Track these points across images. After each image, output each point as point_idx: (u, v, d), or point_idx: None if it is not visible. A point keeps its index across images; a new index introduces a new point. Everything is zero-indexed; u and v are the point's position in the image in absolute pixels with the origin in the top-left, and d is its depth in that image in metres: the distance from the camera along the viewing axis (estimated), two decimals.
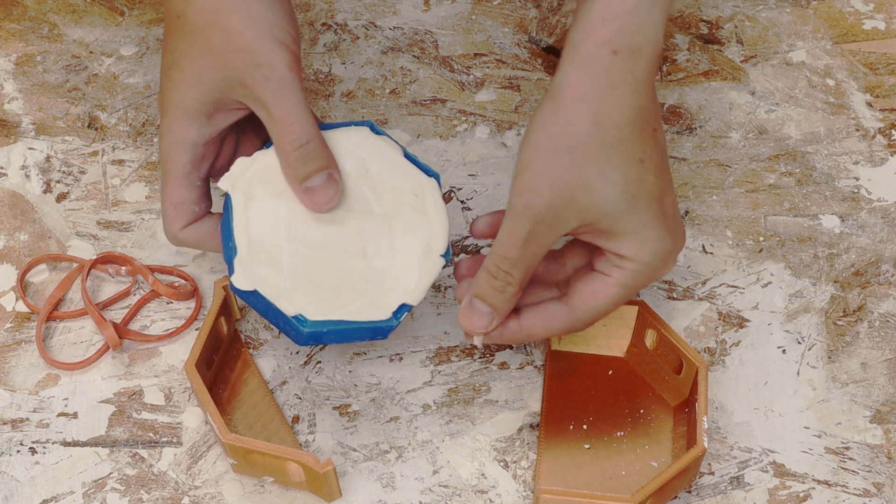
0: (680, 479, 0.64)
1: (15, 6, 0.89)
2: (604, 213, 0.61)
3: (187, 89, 0.64)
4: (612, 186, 0.60)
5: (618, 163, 0.61)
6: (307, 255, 0.64)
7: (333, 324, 0.63)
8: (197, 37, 0.64)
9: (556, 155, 0.60)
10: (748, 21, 0.90)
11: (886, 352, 0.73)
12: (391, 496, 0.67)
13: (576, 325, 0.65)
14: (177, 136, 0.65)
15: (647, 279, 0.63)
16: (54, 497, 0.67)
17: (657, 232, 0.62)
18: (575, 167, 0.60)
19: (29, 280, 0.75)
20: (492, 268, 0.63)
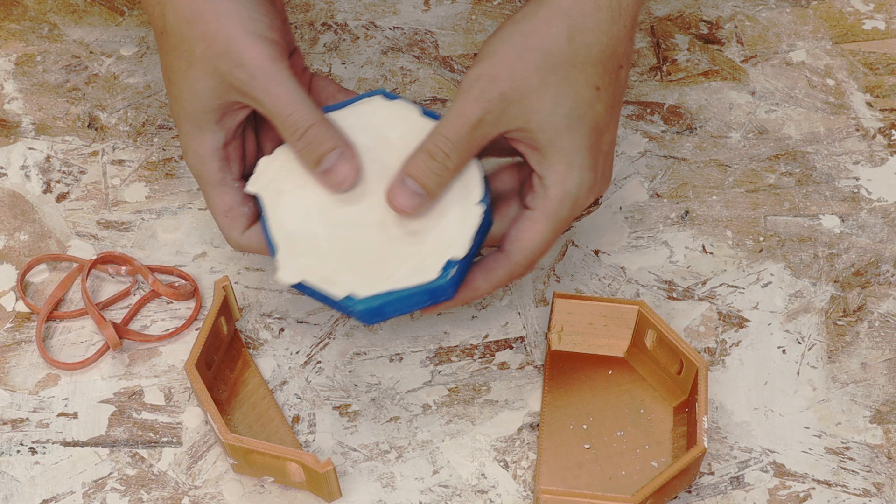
0: (680, 479, 0.64)
1: (15, 6, 0.89)
2: (546, 125, 0.61)
3: (187, 103, 0.64)
4: (562, 100, 0.61)
5: (575, 81, 0.61)
6: (344, 235, 0.63)
7: (384, 296, 0.62)
8: (181, 50, 0.64)
9: (525, 51, 0.61)
10: (748, 21, 0.90)
11: (886, 352, 0.73)
12: (391, 496, 0.67)
13: (515, 270, 0.65)
14: (196, 149, 0.65)
15: (570, 211, 0.63)
16: (54, 497, 0.67)
17: (586, 161, 0.62)
18: (537, 70, 0.61)
19: (29, 280, 0.75)
20: (432, 147, 0.62)
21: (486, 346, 0.73)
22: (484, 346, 0.73)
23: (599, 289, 0.75)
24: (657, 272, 0.76)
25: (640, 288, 0.75)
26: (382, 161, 0.65)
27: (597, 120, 0.62)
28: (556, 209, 0.63)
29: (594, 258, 0.77)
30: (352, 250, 0.63)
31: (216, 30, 0.62)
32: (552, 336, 0.72)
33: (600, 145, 0.63)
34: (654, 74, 0.86)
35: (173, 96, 0.66)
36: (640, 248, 0.77)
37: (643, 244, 0.78)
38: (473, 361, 0.73)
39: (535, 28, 0.61)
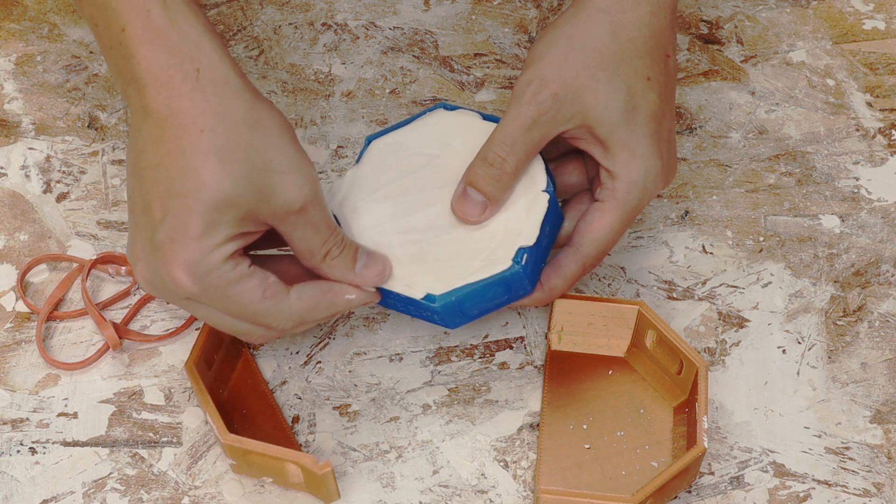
0: (680, 479, 0.64)
1: (15, 6, 0.89)
2: (604, 118, 0.63)
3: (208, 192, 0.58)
4: (616, 94, 0.63)
5: (625, 74, 0.63)
6: (418, 240, 0.65)
7: (460, 290, 0.63)
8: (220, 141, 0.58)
9: (570, 52, 0.63)
10: (748, 21, 0.90)
11: (886, 352, 0.73)
12: (391, 496, 0.67)
13: (586, 262, 0.66)
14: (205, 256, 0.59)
15: (639, 200, 0.65)
16: (54, 497, 0.67)
17: (649, 150, 0.64)
18: (585, 67, 0.63)
19: (29, 280, 0.75)
20: (489, 154, 0.64)
21: (486, 346, 0.73)
22: (484, 346, 0.73)
23: (599, 289, 0.75)
24: (657, 272, 0.76)
25: (640, 288, 0.75)
26: (448, 167, 0.67)
27: (652, 108, 0.64)
28: (624, 198, 0.65)
29: None
30: (426, 253, 0.64)
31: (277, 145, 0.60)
32: (552, 336, 0.72)
33: (661, 133, 0.65)
34: None
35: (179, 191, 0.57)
36: (640, 248, 0.77)
37: (643, 244, 0.78)
38: (473, 361, 0.73)
39: (577, 29, 0.63)
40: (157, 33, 0.59)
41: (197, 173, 0.57)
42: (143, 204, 0.59)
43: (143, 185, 0.59)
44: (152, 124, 0.58)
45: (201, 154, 0.57)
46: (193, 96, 0.58)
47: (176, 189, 0.57)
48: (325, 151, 0.82)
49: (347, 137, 0.82)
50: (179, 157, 0.58)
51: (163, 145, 0.58)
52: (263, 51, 0.87)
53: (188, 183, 0.57)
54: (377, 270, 0.63)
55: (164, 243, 0.58)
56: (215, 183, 0.57)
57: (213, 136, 0.58)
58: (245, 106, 0.59)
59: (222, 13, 0.89)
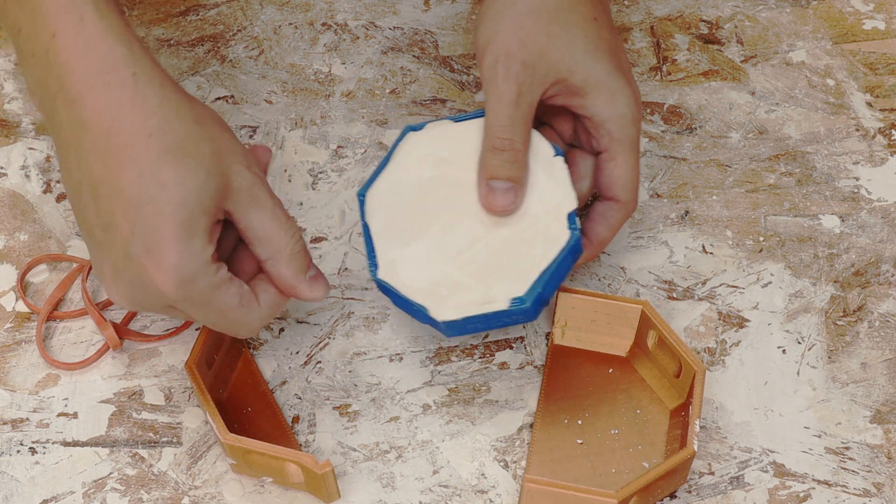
0: (667, 480, 0.64)
1: None
2: (574, 66, 0.64)
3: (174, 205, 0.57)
4: (575, 40, 0.65)
5: (575, 21, 0.65)
6: (470, 257, 0.65)
7: (539, 281, 0.63)
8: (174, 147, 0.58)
9: (519, 18, 0.64)
10: (748, 21, 0.90)
11: (886, 352, 0.73)
12: (391, 496, 0.67)
13: (628, 206, 0.68)
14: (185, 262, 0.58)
15: (634, 129, 0.67)
16: (54, 497, 0.67)
17: (620, 81, 0.66)
18: (538, 27, 0.64)
19: (29, 280, 0.75)
20: (495, 142, 0.64)
21: (486, 346, 0.73)
22: (484, 346, 0.73)
23: (599, 289, 0.75)
24: (657, 272, 0.76)
25: (640, 288, 0.75)
26: (453, 178, 0.67)
27: (608, 44, 0.66)
28: (625, 134, 0.66)
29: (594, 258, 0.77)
30: (486, 265, 0.64)
31: (220, 134, 0.60)
32: (555, 330, 0.72)
33: (621, 64, 0.67)
34: (654, 74, 0.86)
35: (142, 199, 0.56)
36: (640, 248, 0.77)
37: (643, 244, 0.78)
38: (473, 361, 0.73)
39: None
40: (91, 41, 0.58)
41: (155, 177, 0.56)
42: (103, 223, 0.58)
43: (98, 203, 0.58)
44: (93, 137, 0.57)
45: (154, 157, 0.57)
46: (134, 101, 0.57)
47: (137, 198, 0.56)
48: (326, 151, 0.82)
49: (347, 137, 0.82)
50: (132, 166, 0.57)
51: (111, 157, 0.57)
52: (263, 51, 0.87)
53: (149, 189, 0.56)
54: (322, 289, 0.63)
55: (141, 255, 0.57)
56: (176, 181, 0.57)
57: (161, 136, 0.57)
58: (184, 104, 0.59)
59: (222, 13, 0.89)
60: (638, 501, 0.64)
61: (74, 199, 0.60)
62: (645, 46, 0.88)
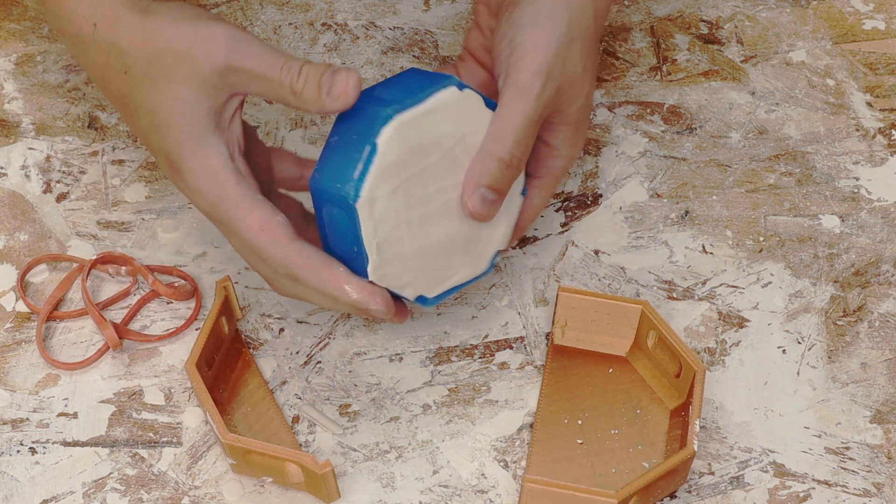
0: (667, 480, 0.64)
1: (15, 6, 0.89)
2: (580, 105, 0.65)
3: (177, 120, 0.60)
4: (590, 81, 0.66)
5: (594, 58, 0.66)
6: (423, 236, 0.64)
7: (445, 293, 0.67)
8: (154, 73, 0.60)
9: (567, 41, 0.63)
10: (748, 21, 0.90)
11: (886, 352, 0.73)
12: (391, 496, 0.67)
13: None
14: (203, 170, 0.60)
15: (568, 169, 0.69)
16: (54, 497, 0.67)
17: (586, 123, 0.68)
18: (578, 56, 0.64)
19: (29, 280, 0.75)
20: (507, 157, 0.63)
21: (486, 346, 0.73)
22: (484, 346, 0.73)
23: (599, 289, 0.75)
24: (657, 272, 0.76)
25: (640, 288, 0.75)
26: (456, 161, 0.65)
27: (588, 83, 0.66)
28: (562, 173, 0.68)
29: (594, 258, 0.77)
30: (425, 251, 0.65)
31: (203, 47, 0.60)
32: (556, 330, 0.72)
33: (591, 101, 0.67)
34: (654, 74, 0.86)
35: (156, 127, 0.60)
36: (640, 248, 0.77)
37: (643, 244, 0.78)
38: (473, 361, 0.73)
39: (573, 16, 0.64)
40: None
41: (142, 108, 0.60)
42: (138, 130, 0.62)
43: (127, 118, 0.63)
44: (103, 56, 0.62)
45: (133, 92, 0.61)
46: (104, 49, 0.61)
47: (142, 131, 0.62)
48: None
49: None
50: (128, 104, 0.62)
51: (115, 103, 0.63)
52: None
53: (142, 121, 0.61)
54: (341, 87, 0.59)
55: (172, 176, 0.61)
56: (156, 106, 0.60)
57: (131, 72, 0.61)
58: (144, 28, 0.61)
59: (222, 13, 0.89)
60: (638, 501, 0.64)
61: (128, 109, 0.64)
62: (645, 46, 0.88)
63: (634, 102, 0.85)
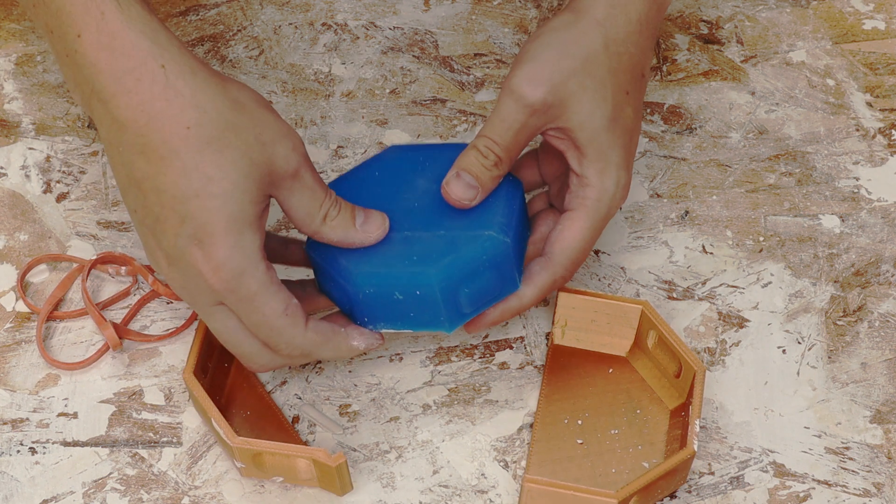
0: (667, 479, 0.64)
1: (15, 6, 0.89)
2: (586, 124, 0.64)
3: (224, 201, 0.58)
4: (601, 104, 0.64)
5: (611, 86, 0.65)
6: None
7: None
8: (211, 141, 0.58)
9: (564, 58, 0.64)
10: (748, 21, 0.90)
11: (886, 352, 0.73)
12: (391, 496, 0.67)
13: (558, 273, 0.66)
14: (240, 256, 0.58)
15: (608, 209, 0.66)
16: (54, 497, 0.67)
17: (621, 161, 0.66)
18: (576, 74, 0.64)
19: (29, 280, 0.75)
20: (482, 148, 0.64)
21: (486, 346, 0.73)
22: (484, 346, 0.73)
23: (599, 289, 0.75)
24: (657, 272, 0.76)
25: (640, 288, 0.75)
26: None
27: (627, 122, 0.66)
28: (596, 206, 0.66)
29: (594, 258, 0.77)
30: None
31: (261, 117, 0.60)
32: (556, 330, 0.72)
33: (631, 148, 0.67)
34: (654, 74, 0.86)
35: (209, 193, 0.57)
36: (640, 248, 0.77)
37: (643, 244, 0.78)
38: (473, 361, 0.73)
39: (573, 37, 0.65)
40: (114, 36, 0.57)
41: (199, 170, 0.57)
42: (153, 216, 0.59)
43: (146, 198, 0.59)
44: (132, 135, 0.58)
45: (196, 150, 0.57)
46: (167, 95, 0.57)
47: (182, 193, 0.57)
48: (326, 151, 0.82)
49: (347, 137, 0.82)
50: (175, 160, 0.57)
51: (153, 153, 0.57)
52: (263, 51, 0.87)
53: (194, 183, 0.57)
54: (377, 223, 0.63)
55: (191, 248, 0.58)
56: (220, 174, 0.57)
57: (199, 129, 0.57)
58: (219, 90, 0.59)
59: (222, 13, 0.89)
60: (638, 501, 0.64)
61: (123, 193, 0.61)
62: None
63: None
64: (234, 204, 0.58)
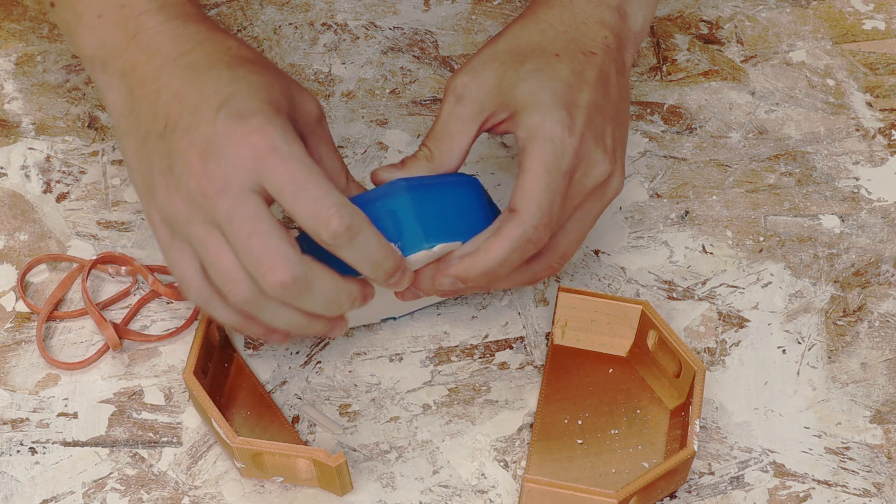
0: (667, 479, 0.64)
1: (15, 6, 0.89)
2: (505, 85, 0.65)
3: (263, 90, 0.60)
4: (518, 66, 0.65)
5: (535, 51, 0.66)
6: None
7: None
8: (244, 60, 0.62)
9: (489, 47, 0.67)
10: (748, 21, 0.90)
11: (886, 352, 0.73)
12: (391, 496, 0.67)
13: (526, 222, 0.62)
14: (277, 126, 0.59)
15: (554, 147, 0.62)
16: (54, 497, 0.67)
17: (553, 101, 0.63)
18: (496, 57, 0.66)
19: (29, 280, 0.75)
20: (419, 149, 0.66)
21: (486, 346, 0.73)
22: (484, 346, 0.73)
23: (599, 289, 0.75)
24: (657, 272, 0.76)
25: (640, 288, 0.75)
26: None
27: (558, 73, 0.64)
28: (541, 148, 0.62)
29: (594, 258, 0.77)
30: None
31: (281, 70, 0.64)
32: (556, 330, 0.72)
33: (572, 97, 0.64)
34: (654, 74, 0.86)
35: (233, 80, 0.59)
36: (640, 248, 0.77)
37: (643, 244, 0.78)
38: (473, 361, 0.73)
39: (506, 29, 0.68)
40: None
41: (245, 67, 0.60)
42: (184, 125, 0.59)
43: (171, 105, 0.60)
44: (173, 61, 0.61)
45: (238, 61, 0.61)
46: (211, 28, 0.63)
47: (228, 80, 0.60)
48: None
49: (347, 137, 0.82)
50: (220, 66, 0.60)
51: (193, 68, 0.61)
52: (263, 51, 0.87)
53: (238, 73, 0.60)
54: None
55: (231, 121, 0.58)
56: (259, 76, 0.60)
57: (239, 50, 0.62)
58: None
59: (222, 13, 0.89)
60: (638, 501, 0.64)
61: (149, 116, 0.61)
62: (645, 46, 0.88)
63: (634, 102, 0.85)
64: (275, 93, 0.60)
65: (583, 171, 0.64)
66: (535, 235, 0.62)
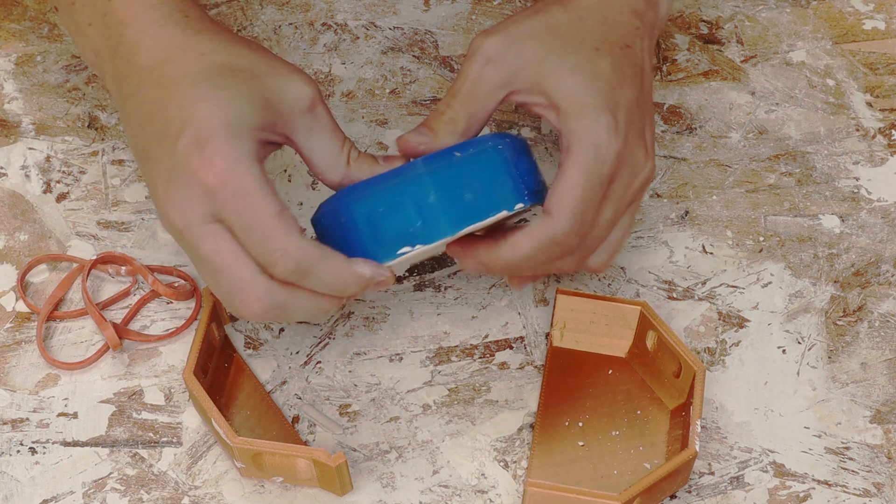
0: (670, 480, 0.64)
1: (15, 6, 0.89)
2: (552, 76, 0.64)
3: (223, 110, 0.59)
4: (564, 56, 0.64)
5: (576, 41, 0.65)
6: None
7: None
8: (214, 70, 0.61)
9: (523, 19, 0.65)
10: (748, 21, 0.90)
11: (886, 352, 0.73)
12: (391, 496, 0.67)
13: (558, 227, 0.62)
14: (231, 154, 0.58)
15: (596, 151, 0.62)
16: (54, 497, 0.67)
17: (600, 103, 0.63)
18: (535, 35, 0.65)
19: (29, 280, 0.75)
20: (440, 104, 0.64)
21: (486, 346, 0.73)
22: (484, 346, 0.73)
23: (599, 289, 0.75)
24: (657, 272, 0.76)
25: (640, 288, 0.76)
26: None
27: (600, 71, 0.64)
28: (584, 152, 0.62)
29: None
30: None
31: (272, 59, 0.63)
32: (554, 332, 0.72)
33: (615, 97, 0.64)
34: (654, 74, 0.86)
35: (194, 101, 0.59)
36: (640, 248, 0.77)
37: (643, 244, 0.78)
38: (473, 361, 0.73)
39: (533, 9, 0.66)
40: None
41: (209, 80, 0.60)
42: (158, 133, 0.60)
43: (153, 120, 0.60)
44: (150, 72, 0.61)
45: (207, 69, 0.60)
46: (186, 34, 0.62)
47: (191, 100, 0.59)
48: None
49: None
50: (187, 78, 0.60)
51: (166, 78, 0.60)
52: None
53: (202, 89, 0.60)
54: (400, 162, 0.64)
55: (188, 147, 0.58)
56: (229, 83, 0.60)
57: (213, 55, 0.61)
58: (233, 37, 0.63)
59: (222, 13, 0.89)
60: (641, 503, 0.64)
61: (134, 134, 0.62)
62: None
63: None
64: (237, 109, 0.59)
65: (627, 172, 0.64)
66: (564, 240, 0.63)
